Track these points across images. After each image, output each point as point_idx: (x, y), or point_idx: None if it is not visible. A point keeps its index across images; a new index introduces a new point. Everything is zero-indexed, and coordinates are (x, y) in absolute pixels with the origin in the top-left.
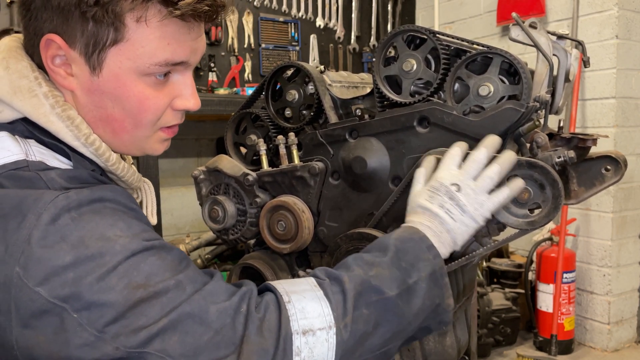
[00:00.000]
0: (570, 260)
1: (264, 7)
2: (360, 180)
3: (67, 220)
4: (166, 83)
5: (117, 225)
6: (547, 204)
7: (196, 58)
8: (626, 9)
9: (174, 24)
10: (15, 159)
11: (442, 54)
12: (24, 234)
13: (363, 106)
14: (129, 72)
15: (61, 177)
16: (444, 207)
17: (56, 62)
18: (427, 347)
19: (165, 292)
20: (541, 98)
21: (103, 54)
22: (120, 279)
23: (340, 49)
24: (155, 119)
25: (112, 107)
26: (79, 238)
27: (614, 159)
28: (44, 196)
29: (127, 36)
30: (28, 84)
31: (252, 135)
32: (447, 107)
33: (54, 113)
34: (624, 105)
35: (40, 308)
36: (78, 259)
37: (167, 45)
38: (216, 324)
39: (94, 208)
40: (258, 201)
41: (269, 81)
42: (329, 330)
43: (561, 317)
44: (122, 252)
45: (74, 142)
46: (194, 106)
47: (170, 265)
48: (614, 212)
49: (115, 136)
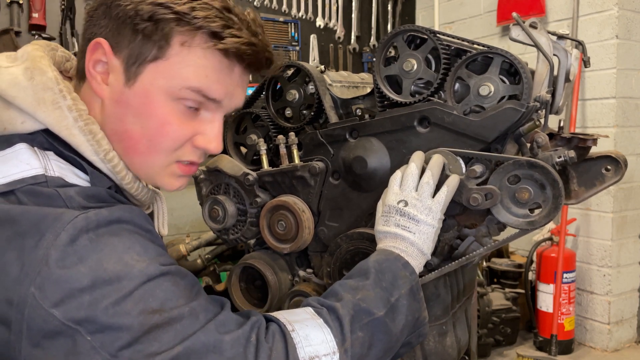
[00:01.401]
0: (570, 260)
1: (264, 7)
2: (360, 180)
3: (85, 241)
4: (194, 117)
5: (134, 248)
6: (548, 204)
7: (231, 103)
8: (626, 9)
9: (216, 59)
10: (34, 174)
11: (443, 54)
12: (41, 253)
13: (363, 106)
14: (160, 91)
15: (80, 195)
16: (399, 225)
17: (97, 68)
18: (427, 347)
19: (180, 319)
20: (541, 98)
21: (142, 68)
22: (136, 304)
23: (340, 49)
24: (171, 147)
25: (132, 122)
26: (97, 261)
27: (614, 159)
28: (63, 216)
29: (168, 55)
30: (52, 96)
31: (252, 135)
32: (447, 107)
33: (77, 126)
34: (624, 105)
35: (53, 329)
36: (95, 282)
37: (205, 76)
38: (229, 353)
39: (112, 230)
40: (258, 201)
41: (269, 81)
42: (333, 356)
43: (561, 317)
44: (139, 277)
45: (92, 156)
46: (214, 149)
47: (183, 292)
48: (614, 212)
49: (126, 155)
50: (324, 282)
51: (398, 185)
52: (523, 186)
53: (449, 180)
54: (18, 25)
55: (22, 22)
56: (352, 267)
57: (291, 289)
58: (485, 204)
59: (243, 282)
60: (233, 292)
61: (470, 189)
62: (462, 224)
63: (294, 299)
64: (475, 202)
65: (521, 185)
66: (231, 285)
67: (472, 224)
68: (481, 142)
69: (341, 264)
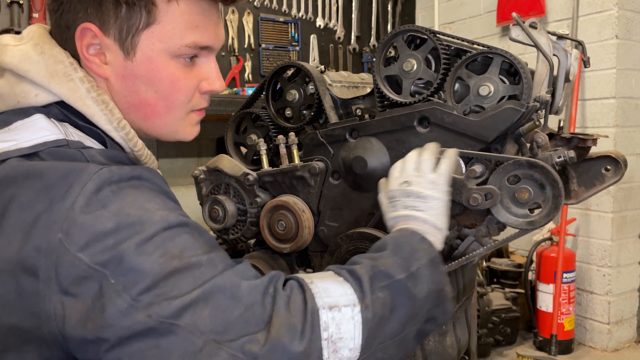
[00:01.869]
0: (570, 260)
1: (264, 7)
2: (360, 180)
3: (108, 192)
4: (193, 66)
5: (154, 200)
6: (547, 204)
7: (219, 43)
8: (626, 9)
9: (199, 5)
10: (55, 138)
11: (443, 54)
12: (69, 202)
13: (363, 106)
14: (161, 53)
15: (101, 155)
16: (407, 207)
17: (91, 52)
18: (427, 347)
19: (199, 266)
20: (541, 98)
21: (136, 38)
22: (157, 248)
23: (340, 49)
24: (186, 100)
25: (145, 90)
26: (120, 207)
27: (614, 159)
28: (88, 168)
29: (159, 18)
30: (64, 68)
31: (252, 135)
32: (447, 107)
33: (90, 97)
34: (624, 105)
35: (81, 274)
36: (119, 226)
37: (196, 27)
38: (247, 299)
39: (133, 184)
40: (258, 201)
41: (269, 81)
42: (354, 308)
43: (561, 317)
44: (160, 223)
45: (106, 125)
46: (219, 88)
47: (202, 244)
48: (614, 212)
49: (147, 120)
50: None
51: (398, 171)
52: (523, 186)
53: (447, 153)
54: (18, 25)
55: (22, 22)
56: None
57: None
58: (485, 204)
59: None
60: None
61: (470, 189)
62: (462, 224)
63: None
64: (475, 202)
65: (521, 185)
66: None
67: (472, 224)
68: (481, 142)
69: (341, 263)
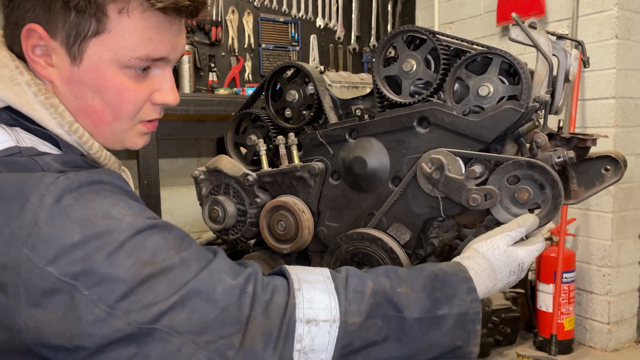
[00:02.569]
0: (570, 260)
1: (264, 7)
2: (360, 181)
3: (70, 200)
4: (146, 77)
5: (119, 204)
6: (547, 204)
7: (176, 55)
8: (626, 9)
9: (155, 18)
10: (6, 146)
11: (442, 54)
12: (28, 216)
13: (363, 106)
14: (109, 63)
15: (56, 162)
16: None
17: (36, 52)
18: None
19: (172, 268)
20: (541, 98)
21: (84, 45)
22: (128, 256)
23: (340, 49)
24: (134, 110)
25: (92, 97)
26: (85, 216)
27: (613, 159)
28: (44, 178)
29: (109, 28)
30: (9, 72)
31: (252, 135)
32: (447, 108)
33: (37, 101)
34: (624, 105)
35: (50, 287)
36: (86, 237)
37: (149, 40)
38: (222, 303)
39: (94, 189)
40: (258, 201)
41: (269, 81)
42: (333, 324)
43: (561, 317)
44: (129, 230)
45: (57, 129)
46: (172, 101)
47: (173, 243)
48: (613, 212)
49: (95, 128)
50: None
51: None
52: (522, 186)
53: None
54: None
55: None
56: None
57: None
58: (485, 204)
59: None
60: None
61: (469, 190)
62: (462, 224)
63: None
64: (474, 202)
65: (520, 185)
66: None
67: (471, 224)
68: (481, 142)
69: (341, 264)
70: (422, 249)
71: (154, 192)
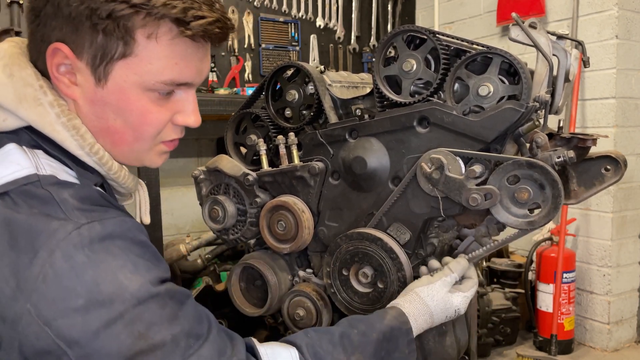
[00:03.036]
0: (570, 260)
1: (264, 7)
2: (360, 180)
3: (82, 258)
4: (169, 99)
5: (126, 267)
6: (547, 204)
7: (201, 79)
8: (626, 9)
9: (183, 44)
10: (26, 174)
11: (442, 54)
12: (36, 271)
13: (363, 106)
14: (134, 86)
15: (73, 198)
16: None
17: (61, 70)
18: (427, 347)
19: (162, 346)
20: (541, 98)
21: (110, 67)
22: (125, 327)
23: (340, 49)
24: (155, 132)
25: (114, 119)
26: (93, 280)
27: (613, 159)
28: (57, 233)
29: (136, 51)
30: (33, 92)
31: (252, 135)
32: (447, 107)
33: (60, 122)
34: (624, 105)
35: (44, 347)
36: (90, 303)
37: (175, 64)
38: None
39: (106, 246)
40: (258, 201)
41: (269, 81)
42: None
43: (561, 317)
44: (130, 300)
45: (78, 151)
46: (194, 123)
47: (170, 314)
48: (614, 212)
49: (114, 147)
50: (323, 282)
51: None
52: (522, 186)
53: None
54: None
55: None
56: (351, 267)
57: (291, 289)
58: (485, 204)
59: (243, 282)
60: (233, 292)
61: (469, 189)
62: (462, 224)
63: (294, 299)
64: (474, 202)
65: (520, 185)
66: (231, 285)
67: (471, 224)
68: (480, 142)
69: (341, 264)
70: (422, 248)
71: (154, 192)
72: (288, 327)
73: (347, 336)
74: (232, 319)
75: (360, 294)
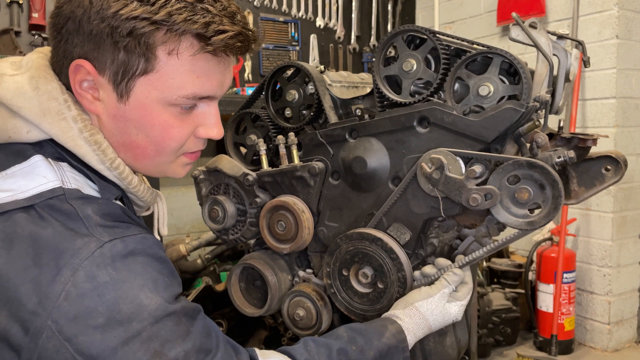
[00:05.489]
0: (571, 260)
1: (264, 7)
2: (360, 180)
3: (105, 277)
4: (191, 112)
5: (147, 285)
6: (547, 204)
7: (223, 91)
8: (626, 9)
9: (204, 58)
10: (51, 187)
11: (442, 54)
12: (58, 288)
13: (363, 106)
14: (155, 101)
15: (97, 214)
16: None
17: (84, 86)
18: (427, 347)
19: None
20: (541, 98)
21: (131, 83)
22: (141, 345)
23: (340, 49)
24: (178, 146)
25: (136, 134)
26: (114, 300)
27: (614, 159)
28: (80, 252)
29: (157, 68)
30: (57, 106)
31: (252, 135)
32: (447, 107)
33: (82, 137)
34: (624, 105)
35: None
36: (109, 322)
37: (197, 78)
38: None
39: (127, 263)
40: (258, 201)
41: (269, 81)
42: None
43: (561, 317)
44: (148, 319)
45: (99, 165)
46: (217, 135)
47: (183, 330)
48: (614, 212)
49: (136, 161)
50: (323, 282)
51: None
52: (523, 186)
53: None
54: (18, 25)
55: (22, 22)
56: (351, 267)
57: (291, 289)
58: (485, 204)
59: (243, 282)
60: (233, 292)
61: (469, 189)
62: (462, 224)
63: (294, 299)
64: (474, 202)
65: (521, 185)
66: (231, 285)
67: (471, 224)
68: (481, 142)
69: (341, 264)
70: (422, 249)
71: None
72: (288, 327)
73: (345, 353)
74: (232, 319)
75: (360, 294)
